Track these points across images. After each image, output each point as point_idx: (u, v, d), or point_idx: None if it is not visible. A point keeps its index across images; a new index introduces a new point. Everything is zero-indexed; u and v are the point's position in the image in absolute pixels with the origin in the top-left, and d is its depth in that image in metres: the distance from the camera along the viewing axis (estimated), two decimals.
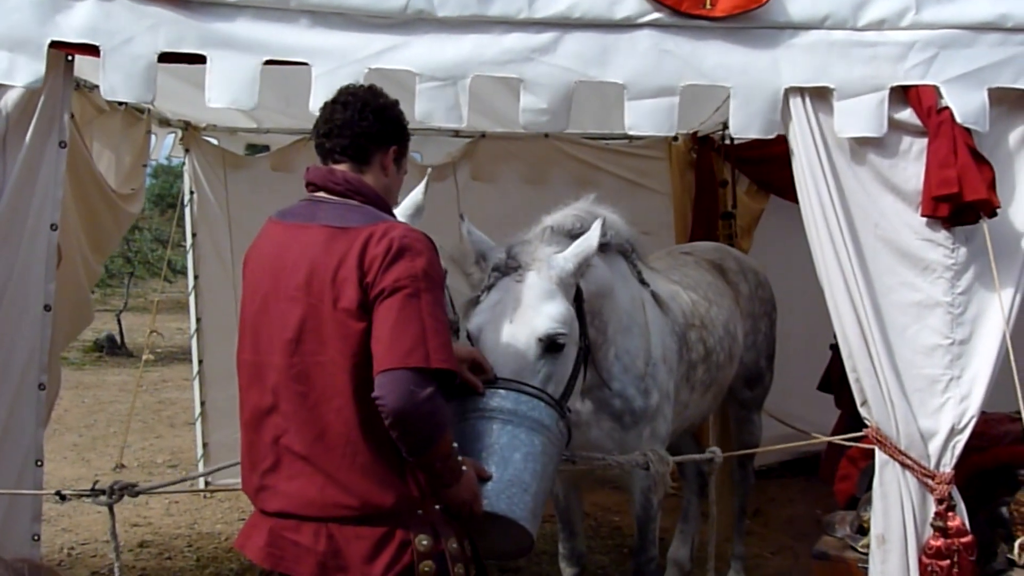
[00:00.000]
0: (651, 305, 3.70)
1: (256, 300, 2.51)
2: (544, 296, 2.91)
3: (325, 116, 2.57)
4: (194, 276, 6.38)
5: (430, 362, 2.27)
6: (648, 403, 3.55)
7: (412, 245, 2.35)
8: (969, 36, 3.25)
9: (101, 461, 7.50)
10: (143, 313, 15.91)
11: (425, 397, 2.25)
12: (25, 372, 3.12)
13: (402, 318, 2.29)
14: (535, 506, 2.67)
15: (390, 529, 2.35)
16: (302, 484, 2.39)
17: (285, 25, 3.10)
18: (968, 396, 3.30)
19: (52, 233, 3.15)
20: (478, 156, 6.30)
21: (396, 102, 2.63)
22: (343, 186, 2.50)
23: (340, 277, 2.34)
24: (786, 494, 6.38)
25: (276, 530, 2.42)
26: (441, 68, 3.12)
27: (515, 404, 2.73)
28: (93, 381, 11.44)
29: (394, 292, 2.31)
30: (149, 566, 5.35)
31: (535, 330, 2.85)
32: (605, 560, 5.30)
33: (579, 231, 3.21)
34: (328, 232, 2.41)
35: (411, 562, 2.35)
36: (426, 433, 2.30)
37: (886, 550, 3.31)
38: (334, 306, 2.35)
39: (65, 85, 3.15)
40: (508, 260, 3.02)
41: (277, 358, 2.41)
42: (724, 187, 6.25)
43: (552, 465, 2.80)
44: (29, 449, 3.14)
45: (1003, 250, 3.28)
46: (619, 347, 3.45)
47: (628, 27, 3.17)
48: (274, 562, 2.41)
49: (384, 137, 2.55)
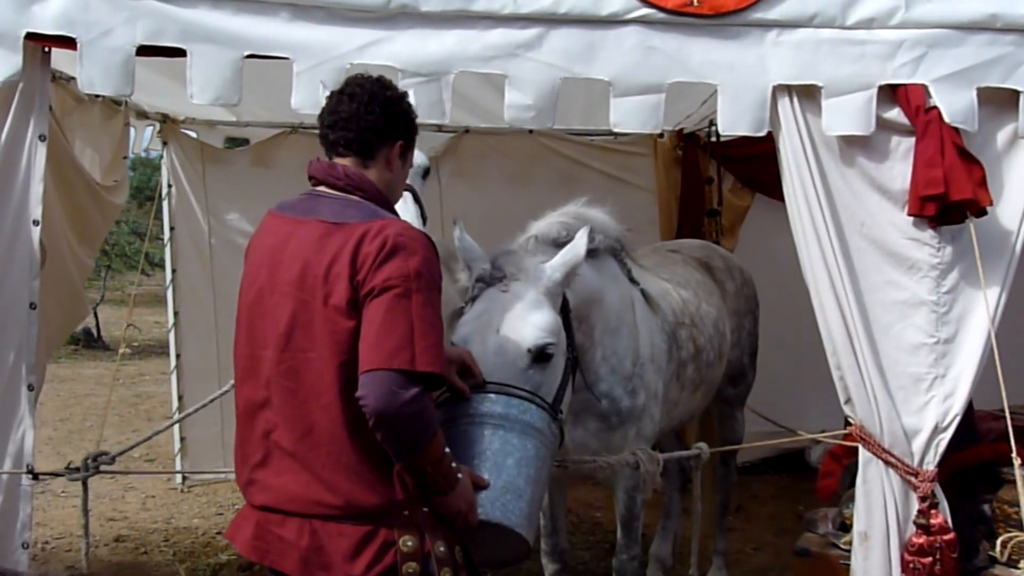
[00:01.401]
0: (640, 304, 3.68)
1: (252, 293, 2.48)
2: (531, 306, 2.86)
3: (331, 107, 2.52)
4: (172, 270, 6.32)
5: (415, 364, 2.23)
6: (635, 403, 3.53)
7: (406, 244, 2.31)
8: (958, 35, 3.24)
9: (77, 455, 7.30)
10: (119, 306, 15.78)
11: (408, 399, 2.21)
12: (13, 373, 3.07)
13: (390, 318, 2.25)
14: (530, 511, 2.63)
15: (373, 528, 2.32)
16: (288, 480, 2.37)
17: (265, 18, 3.06)
18: (952, 394, 3.31)
19: (34, 229, 3.10)
20: (461, 151, 6.26)
21: (405, 94, 2.59)
22: (343, 181, 2.46)
23: (333, 274, 2.31)
24: (768, 491, 6.41)
25: (262, 523, 2.41)
26: (424, 64, 3.08)
27: (506, 408, 2.67)
28: (69, 374, 11.33)
29: (384, 291, 2.27)
30: (125, 560, 5.30)
31: (524, 340, 2.80)
32: (586, 556, 5.30)
33: (565, 239, 3.17)
34: (324, 228, 2.38)
35: (394, 563, 2.31)
36: (410, 436, 2.26)
37: (868, 547, 3.31)
38: (325, 303, 2.31)
39: (43, 78, 3.11)
40: (492, 271, 2.96)
41: (269, 352, 2.40)
42: (710, 184, 6.25)
43: (546, 469, 2.75)
44: (20, 453, 3.09)
45: (989, 249, 3.28)
46: (606, 349, 3.42)
47: (614, 23, 3.14)
48: (260, 555, 2.41)
49: (390, 132, 2.51)
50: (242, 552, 2.46)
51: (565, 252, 3.03)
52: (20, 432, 3.09)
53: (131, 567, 5.22)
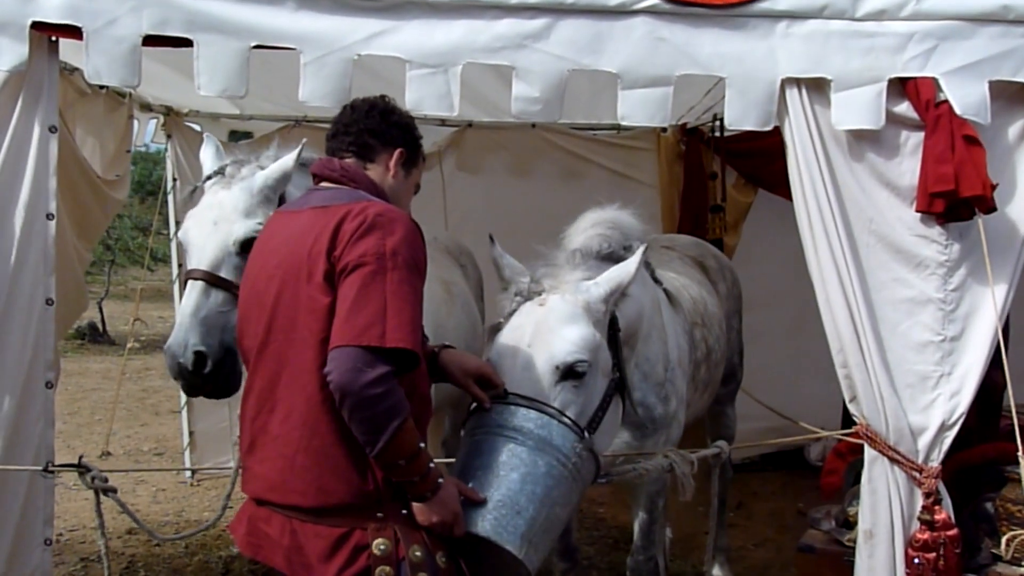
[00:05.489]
0: (666, 305, 3.61)
1: (247, 286, 2.54)
2: (565, 320, 2.74)
3: (335, 119, 2.65)
4: (178, 264, 6.29)
5: (385, 341, 2.17)
6: (668, 410, 3.46)
7: (385, 224, 2.29)
8: (970, 28, 3.20)
9: (87, 448, 7.44)
10: (124, 301, 15.80)
11: (374, 378, 2.15)
12: (31, 370, 3.04)
13: (363, 295, 2.21)
14: (530, 531, 2.45)
15: (348, 530, 2.29)
16: (268, 468, 2.37)
17: (272, 8, 3.04)
18: (958, 392, 3.29)
19: (49, 223, 3.07)
20: (464, 146, 6.23)
21: (409, 115, 2.68)
22: (338, 173, 2.52)
23: (315, 252, 2.32)
24: (768, 487, 6.40)
25: (253, 520, 2.43)
26: (432, 55, 3.06)
27: (522, 421, 2.54)
28: (75, 369, 11.33)
29: (358, 267, 2.24)
30: (138, 553, 5.31)
31: (553, 356, 2.67)
32: (591, 551, 5.28)
33: (607, 251, 3.11)
34: (312, 212, 2.43)
35: (367, 566, 2.27)
36: (374, 418, 2.18)
37: (873, 544, 3.30)
38: (308, 281, 2.31)
39: (50, 69, 3.08)
40: (531, 285, 2.88)
41: (259, 338, 2.41)
42: (713, 180, 6.23)
43: (560, 489, 2.54)
44: (39, 450, 3.07)
45: (997, 247, 3.25)
46: (639, 356, 3.30)
47: (623, 14, 3.11)
48: (254, 551, 2.43)
49: (388, 137, 2.58)
50: (239, 546, 2.48)
51: (615, 269, 2.90)
52: (39, 429, 3.07)
53: (144, 559, 5.23)
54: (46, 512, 3.11)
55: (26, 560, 3.07)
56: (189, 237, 3.12)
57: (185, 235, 3.14)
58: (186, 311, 3.01)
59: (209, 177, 3.25)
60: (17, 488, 3.04)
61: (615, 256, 3.11)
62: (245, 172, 3.18)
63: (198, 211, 3.16)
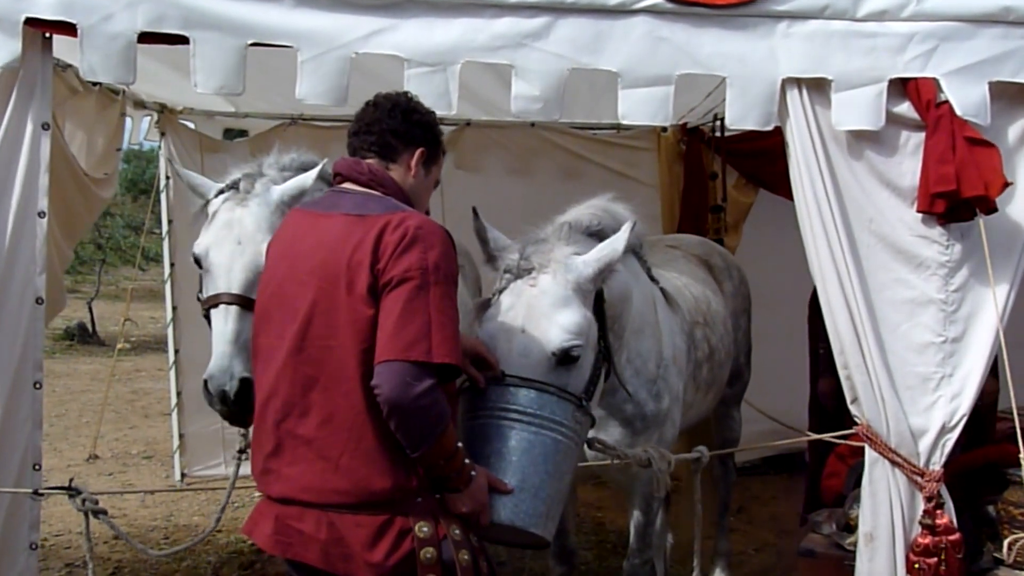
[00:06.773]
0: (661, 303, 3.61)
1: (271, 285, 2.55)
2: (558, 304, 2.74)
3: (357, 116, 2.65)
4: (170, 264, 6.25)
5: (432, 356, 2.28)
6: (659, 407, 3.45)
7: (426, 236, 2.36)
8: (970, 28, 3.20)
9: (74, 452, 7.40)
10: (115, 301, 15.73)
11: (421, 391, 2.25)
12: (19, 370, 3.02)
13: (408, 310, 2.30)
14: (547, 508, 2.61)
15: (389, 517, 2.36)
16: (303, 469, 2.41)
17: (269, 5, 3.01)
18: (960, 394, 3.28)
19: (40, 221, 3.05)
20: (463, 145, 6.20)
21: (431, 112, 2.69)
22: (367, 176, 2.54)
23: (355, 262, 2.36)
24: (769, 491, 6.40)
25: (282, 518, 2.44)
26: (430, 53, 3.04)
27: (526, 403, 2.63)
28: (64, 370, 11.28)
29: (403, 282, 2.31)
30: (125, 558, 5.26)
31: (549, 343, 2.70)
32: (589, 556, 5.27)
33: (596, 228, 3.10)
34: (346, 219, 2.45)
35: (412, 549, 2.35)
36: (422, 427, 2.29)
37: (874, 548, 3.28)
38: (348, 291, 2.36)
39: (44, 65, 3.05)
40: (521, 261, 2.85)
41: (286, 341, 2.43)
42: (714, 180, 6.22)
43: (568, 460, 2.69)
44: (27, 452, 3.04)
45: (999, 247, 3.24)
46: (631, 350, 3.32)
47: (623, 13, 3.10)
48: (283, 549, 2.44)
49: (411, 137, 2.60)
50: (263, 547, 2.51)
51: (603, 247, 2.90)
52: (28, 430, 3.04)
53: (131, 564, 5.19)
54: (32, 516, 3.08)
55: (11, 564, 3.04)
56: (211, 258, 3.11)
57: (205, 254, 3.13)
58: (226, 337, 2.99)
59: (221, 191, 3.23)
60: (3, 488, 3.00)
61: (603, 235, 3.07)
62: (259, 188, 3.19)
63: (216, 229, 3.15)
